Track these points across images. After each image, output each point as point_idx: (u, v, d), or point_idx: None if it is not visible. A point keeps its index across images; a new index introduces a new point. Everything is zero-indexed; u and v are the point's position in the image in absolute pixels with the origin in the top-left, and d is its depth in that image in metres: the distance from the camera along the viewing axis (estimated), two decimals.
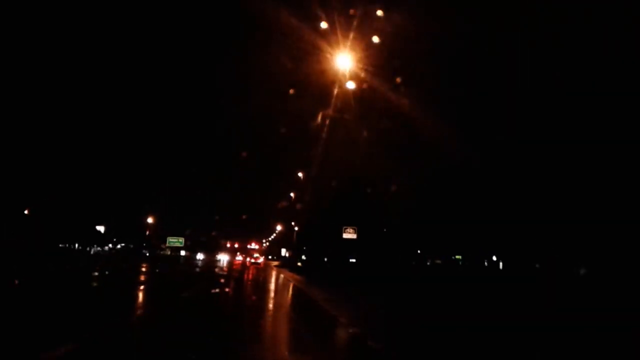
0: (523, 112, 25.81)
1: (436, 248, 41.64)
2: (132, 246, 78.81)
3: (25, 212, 54.87)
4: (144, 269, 37.06)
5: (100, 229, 59.69)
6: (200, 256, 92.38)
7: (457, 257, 42.49)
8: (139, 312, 13.44)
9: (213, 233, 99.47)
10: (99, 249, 73.37)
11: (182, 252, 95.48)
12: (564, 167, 25.24)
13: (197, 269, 45.05)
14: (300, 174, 45.57)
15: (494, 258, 40.15)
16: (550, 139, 25.31)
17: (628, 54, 20.81)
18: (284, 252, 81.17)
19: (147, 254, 75.83)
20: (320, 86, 20.84)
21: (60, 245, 60.53)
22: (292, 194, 56.38)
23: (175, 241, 70.46)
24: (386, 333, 11.00)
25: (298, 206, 52.67)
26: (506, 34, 23.89)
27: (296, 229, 71.21)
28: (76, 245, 62.04)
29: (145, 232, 73.50)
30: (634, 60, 20.75)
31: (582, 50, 22.44)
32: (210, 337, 9.05)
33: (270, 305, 16.62)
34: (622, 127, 21.89)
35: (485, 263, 40.59)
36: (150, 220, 74.47)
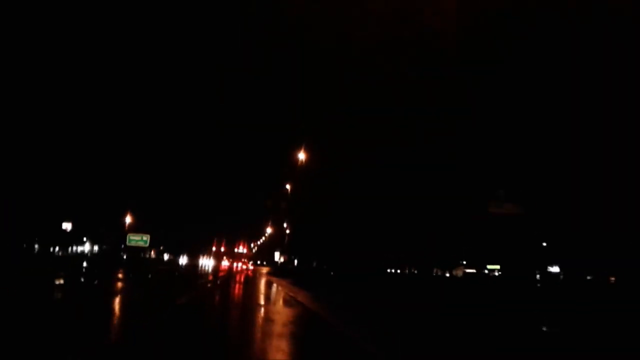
0: None
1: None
2: (104, 248, 69.66)
3: None
4: None
5: (67, 226, 51.66)
6: (183, 260, 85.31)
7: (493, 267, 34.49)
8: None
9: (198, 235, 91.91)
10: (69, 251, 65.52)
11: (166, 256, 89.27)
12: None
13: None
14: (301, 156, 37.46)
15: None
16: None
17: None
18: (277, 256, 73.42)
19: (125, 257, 67.92)
20: None
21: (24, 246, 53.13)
22: (287, 186, 48.33)
23: (138, 239, 60.17)
24: None
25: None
26: None
27: (287, 231, 63.94)
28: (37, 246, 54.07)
29: (123, 232, 64.76)
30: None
31: None
32: None
33: None
34: None
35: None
36: (128, 219, 66.48)
